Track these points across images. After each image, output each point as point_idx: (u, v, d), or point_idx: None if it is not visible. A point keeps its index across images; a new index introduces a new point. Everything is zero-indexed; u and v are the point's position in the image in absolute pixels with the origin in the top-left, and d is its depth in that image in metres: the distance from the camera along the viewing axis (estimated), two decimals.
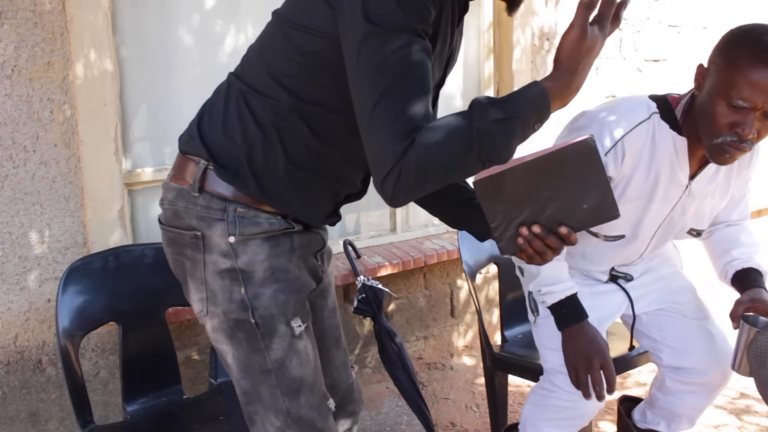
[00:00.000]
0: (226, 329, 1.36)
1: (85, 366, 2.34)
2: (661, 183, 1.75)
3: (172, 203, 1.38)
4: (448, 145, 1.14)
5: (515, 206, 1.27)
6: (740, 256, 1.88)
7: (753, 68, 1.48)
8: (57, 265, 2.26)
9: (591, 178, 1.25)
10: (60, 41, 2.17)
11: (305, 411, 1.39)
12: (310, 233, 1.45)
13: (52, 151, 2.21)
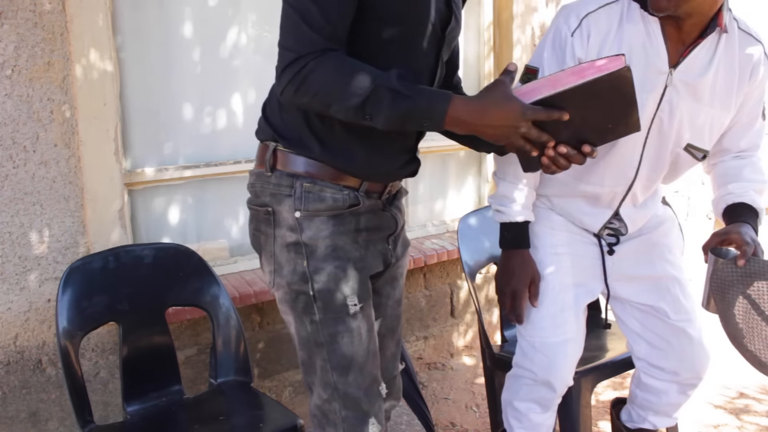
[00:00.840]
0: (289, 300, 1.45)
1: (85, 366, 2.34)
2: (634, 66, 1.56)
3: (252, 185, 1.49)
4: (347, 83, 1.24)
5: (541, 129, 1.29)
6: (735, 190, 1.77)
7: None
8: (57, 265, 2.26)
9: (621, 102, 1.28)
10: (60, 41, 2.17)
11: (352, 389, 1.44)
12: (382, 213, 1.51)
13: (52, 151, 2.21)
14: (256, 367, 2.77)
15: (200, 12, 2.58)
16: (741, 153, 1.85)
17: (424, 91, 1.28)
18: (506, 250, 1.84)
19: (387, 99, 1.25)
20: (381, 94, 1.24)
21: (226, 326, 2.15)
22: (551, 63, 1.66)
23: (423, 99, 1.26)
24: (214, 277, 2.17)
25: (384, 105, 1.25)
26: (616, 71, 1.23)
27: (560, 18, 1.67)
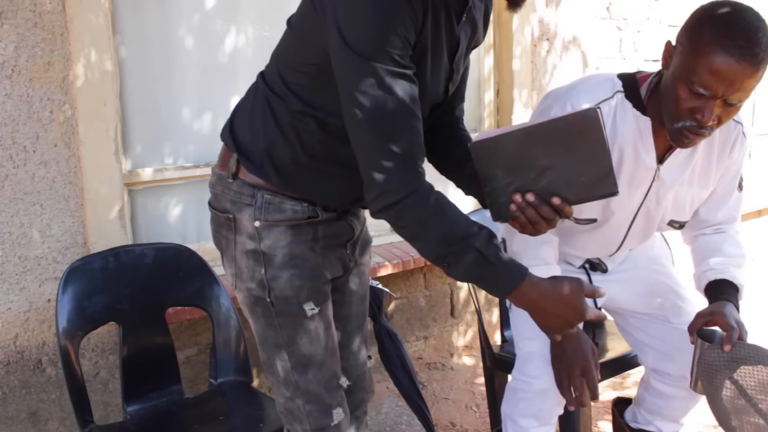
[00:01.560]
0: (248, 303, 1.50)
1: (85, 366, 2.34)
2: (625, 164, 1.67)
3: (213, 187, 1.51)
4: (440, 228, 1.27)
5: (510, 172, 1.27)
6: (716, 266, 1.79)
7: (715, 55, 1.40)
8: (57, 265, 2.26)
9: (591, 150, 1.23)
10: (60, 41, 2.17)
11: (312, 386, 1.50)
12: (339, 222, 1.53)
13: (52, 151, 2.21)
14: (257, 367, 2.77)
15: (200, 12, 2.58)
16: (719, 225, 1.87)
17: (506, 260, 1.29)
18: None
19: (472, 258, 1.27)
20: (468, 252, 1.27)
21: (226, 326, 2.15)
22: None
23: (503, 270, 1.29)
24: (214, 277, 2.16)
25: (467, 262, 1.27)
26: (583, 111, 1.22)
27: (556, 109, 1.65)
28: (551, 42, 3.53)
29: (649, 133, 1.64)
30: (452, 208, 1.31)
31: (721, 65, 1.40)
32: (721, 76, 1.41)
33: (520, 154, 1.26)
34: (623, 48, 3.93)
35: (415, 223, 1.28)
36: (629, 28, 3.94)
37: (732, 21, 1.42)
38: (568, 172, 1.26)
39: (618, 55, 3.91)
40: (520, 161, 1.26)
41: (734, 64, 1.39)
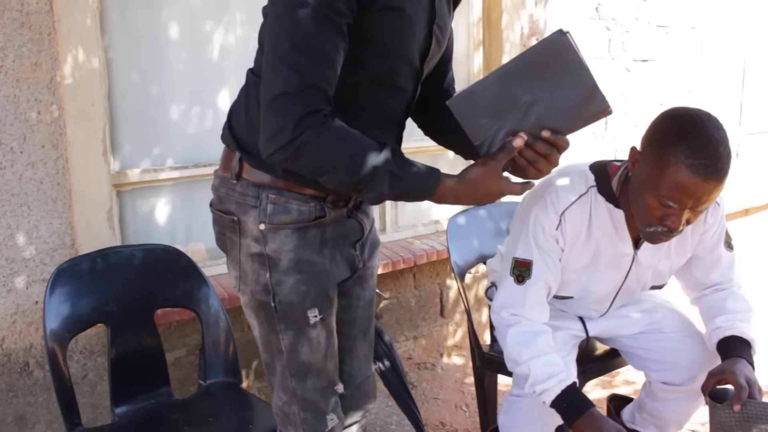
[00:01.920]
0: (252, 307, 1.47)
1: (73, 368, 2.33)
2: (603, 253, 1.78)
3: (216, 189, 1.47)
4: (345, 159, 1.23)
5: (496, 118, 1.27)
6: (723, 324, 1.83)
7: (683, 175, 1.47)
8: (44, 267, 2.25)
9: (569, 72, 1.23)
10: (47, 41, 2.16)
11: (310, 393, 1.49)
12: (349, 221, 1.50)
13: (39, 152, 2.19)
14: (246, 368, 2.76)
15: (189, 12, 2.57)
16: (717, 285, 1.93)
17: (417, 173, 1.29)
18: (576, 422, 1.63)
19: (385, 182, 1.25)
20: (380, 177, 1.25)
21: (215, 327, 2.15)
22: (543, 255, 1.75)
23: (416, 182, 1.29)
24: (203, 277, 2.16)
25: (379, 186, 1.26)
26: (550, 36, 1.22)
27: (538, 208, 1.74)
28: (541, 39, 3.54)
29: (623, 224, 1.74)
30: (352, 135, 1.25)
31: (689, 184, 1.47)
32: (689, 193, 1.48)
33: (501, 97, 1.26)
34: (612, 48, 3.94)
35: (317, 158, 1.22)
36: (618, 28, 3.95)
37: (696, 139, 1.47)
38: (553, 101, 1.25)
39: (607, 55, 3.92)
40: (503, 104, 1.26)
41: (701, 182, 1.46)
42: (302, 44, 1.19)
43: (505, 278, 1.82)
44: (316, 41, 1.19)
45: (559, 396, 1.65)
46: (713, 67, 4.68)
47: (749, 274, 4.66)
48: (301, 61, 1.19)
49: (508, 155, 1.30)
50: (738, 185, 5.26)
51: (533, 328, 1.75)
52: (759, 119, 5.42)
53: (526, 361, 1.70)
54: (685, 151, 1.47)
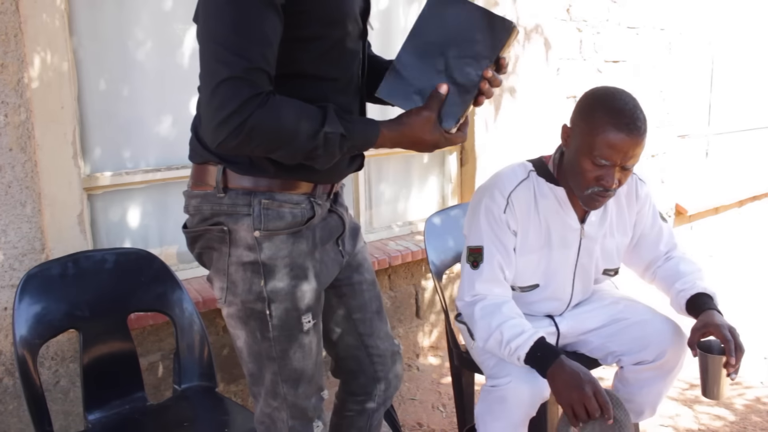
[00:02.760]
0: (242, 317, 1.45)
1: (44, 375, 2.29)
2: (553, 231, 1.97)
3: (197, 208, 1.44)
4: (296, 132, 1.26)
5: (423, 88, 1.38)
6: (684, 286, 2.00)
7: (609, 132, 1.73)
8: (14, 272, 2.21)
9: (462, 17, 1.37)
10: (14, 42, 2.12)
11: (300, 400, 1.50)
12: (331, 218, 1.55)
13: (7, 155, 2.16)
14: (221, 371, 2.74)
15: (159, 13, 2.55)
16: (666, 255, 2.15)
17: (358, 127, 1.35)
18: (549, 369, 1.74)
19: (335, 144, 1.31)
20: (331, 141, 1.30)
21: (189, 331, 2.13)
22: (492, 238, 1.92)
23: (360, 137, 1.35)
24: (176, 281, 2.14)
25: (332, 148, 1.31)
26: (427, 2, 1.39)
27: (486, 198, 1.94)
28: None
29: (566, 200, 1.95)
30: (296, 107, 1.28)
31: (615, 140, 1.73)
32: (617, 148, 1.73)
33: (420, 67, 1.38)
34: (583, 49, 3.98)
35: (270, 136, 1.25)
36: (589, 30, 3.99)
37: (617, 104, 1.76)
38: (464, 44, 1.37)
39: (578, 56, 3.96)
40: (424, 72, 1.38)
41: (625, 137, 1.73)
42: (243, 28, 1.20)
43: (463, 268, 1.98)
44: (256, 24, 1.21)
45: (532, 348, 1.77)
46: (682, 67, 4.75)
47: (719, 272, 4.73)
48: (243, 45, 1.20)
49: (439, 101, 1.37)
50: (707, 185, 5.34)
51: (496, 300, 1.89)
52: (727, 119, 5.51)
53: (496, 327, 1.83)
54: (608, 115, 1.74)
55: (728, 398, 2.99)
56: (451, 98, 1.38)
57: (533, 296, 2.05)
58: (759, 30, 5.66)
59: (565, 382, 1.70)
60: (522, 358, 1.78)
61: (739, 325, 1.93)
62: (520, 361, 1.79)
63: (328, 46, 1.36)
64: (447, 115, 1.39)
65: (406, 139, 1.38)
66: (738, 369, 1.78)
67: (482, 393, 1.94)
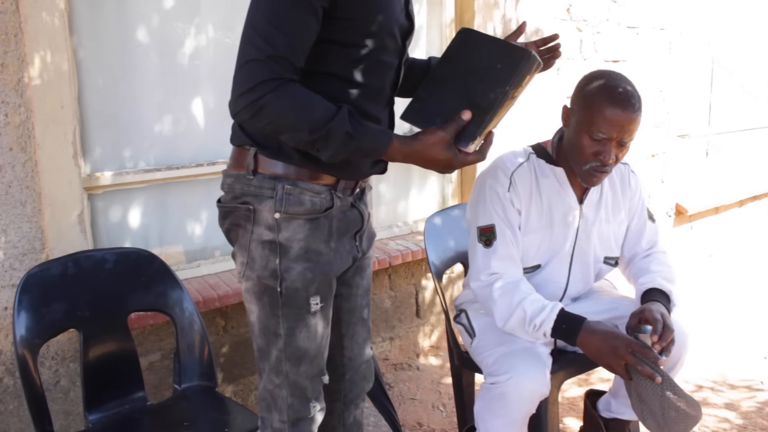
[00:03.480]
0: (256, 291, 1.55)
1: (44, 375, 2.29)
2: (555, 210, 2.03)
3: (230, 187, 1.56)
4: (304, 119, 1.35)
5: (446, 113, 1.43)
6: (645, 281, 2.06)
7: (607, 108, 1.83)
8: (14, 272, 2.21)
9: (485, 48, 1.46)
10: (14, 42, 2.12)
11: (301, 379, 1.58)
12: (351, 212, 1.61)
13: (7, 155, 2.16)
14: (221, 371, 2.74)
15: (160, 13, 2.55)
16: (646, 252, 2.20)
17: (368, 132, 1.40)
18: (578, 338, 1.82)
19: (338, 139, 1.37)
20: (333, 134, 1.36)
21: (189, 331, 2.13)
22: (501, 215, 1.98)
23: (367, 141, 1.40)
24: (176, 281, 2.14)
25: (333, 143, 1.37)
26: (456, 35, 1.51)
27: (489, 179, 2.01)
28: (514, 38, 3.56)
29: (566, 180, 2.03)
30: (311, 98, 1.37)
31: (612, 115, 1.83)
32: (614, 123, 1.84)
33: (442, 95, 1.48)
34: (583, 49, 3.98)
35: (277, 118, 1.35)
36: (589, 29, 3.99)
37: (612, 83, 1.88)
38: (485, 71, 1.44)
39: (579, 55, 3.96)
40: (446, 98, 1.47)
41: (621, 112, 1.83)
42: (277, 21, 1.33)
43: (474, 248, 2.00)
44: (290, 19, 1.33)
45: (556, 321, 1.84)
46: (682, 67, 4.75)
47: (719, 272, 4.74)
48: (273, 34, 1.33)
49: (457, 125, 1.42)
50: (707, 184, 5.34)
51: (512, 278, 1.94)
52: (727, 119, 5.51)
53: (517, 304, 1.88)
54: (605, 92, 1.85)
55: (734, 401, 2.99)
56: (470, 120, 1.43)
57: (531, 279, 2.06)
58: (759, 30, 5.65)
59: (598, 349, 1.78)
60: (548, 333, 1.85)
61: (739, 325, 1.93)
62: (547, 336, 1.86)
63: (361, 55, 1.46)
64: (464, 135, 1.43)
65: (417, 155, 1.44)
66: (668, 350, 1.81)
67: (481, 390, 1.94)
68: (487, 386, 1.91)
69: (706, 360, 3.32)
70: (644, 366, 1.72)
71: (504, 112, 1.47)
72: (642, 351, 1.73)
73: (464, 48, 1.51)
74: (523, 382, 1.83)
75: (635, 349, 1.73)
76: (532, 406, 1.87)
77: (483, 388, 1.94)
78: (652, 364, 1.72)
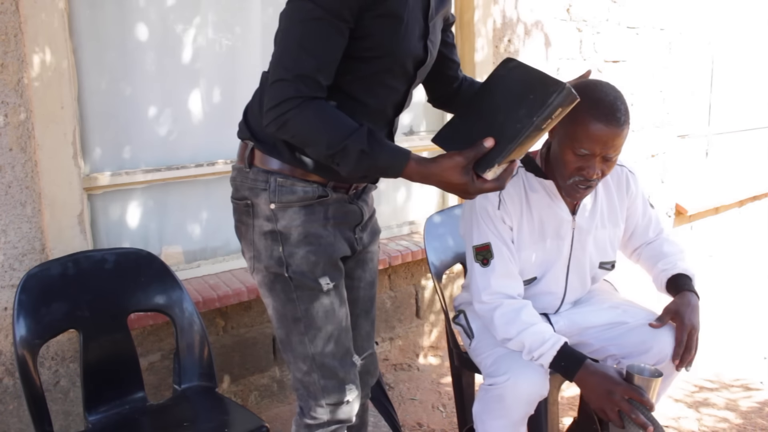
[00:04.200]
0: (267, 282, 1.61)
1: (44, 375, 2.29)
2: (547, 224, 2.00)
3: (234, 180, 1.64)
4: (323, 134, 1.40)
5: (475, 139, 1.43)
6: (666, 266, 2.07)
7: (590, 124, 1.76)
8: (14, 272, 2.21)
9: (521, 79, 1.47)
10: (14, 42, 2.12)
11: (328, 360, 1.62)
12: (349, 205, 1.65)
13: (7, 155, 2.16)
14: (221, 371, 2.74)
15: (159, 13, 2.55)
16: (654, 237, 2.21)
17: (385, 151, 1.42)
18: (576, 376, 1.80)
19: (354, 156, 1.40)
20: (350, 152, 1.40)
21: (189, 331, 2.13)
22: (495, 233, 1.95)
23: (385, 161, 1.43)
24: (176, 281, 2.14)
25: (350, 160, 1.41)
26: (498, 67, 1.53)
27: (481, 200, 1.96)
28: (514, 31, 3.55)
29: (556, 192, 1.98)
30: (334, 114, 1.42)
31: (595, 131, 1.76)
32: (597, 139, 1.76)
33: (474, 122, 1.50)
34: (583, 49, 3.98)
35: (299, 132, 1.41)
36: (589, 30, 3.99)
37: (597, 96, 1.78)
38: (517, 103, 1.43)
39: (578, 55, 3.96)
40: (476, 127, 1.47)
41: (604, 128, 1.75)
42: (306, 43, 1.39)
43: (472, 268, 1.98)
44: (318, 42, 1.40)
45: (555, 357, 1.81)
46: (682, 67, 4.75)
47: (719, 272, 4.74)
48: (301, 55, 1.39)
49: (477, 152, 1.42)
50: (707, 184, 5.34)
51: (514, 305, 1.90)
52: (727, 119, 5.51)
53: (516, 335, 1.85)
54: (588, 106, 1.75)
55: (733, 401, 2.99)
56: (493, 148, 1.42)
57: (528, 291, 2.05)
58: (759, 30, 5.65)
59: (594, 391, 1.75)
60: (546, 366, 1.82)
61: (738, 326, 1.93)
62: (545, 368, 1.84)
63: (367, 74, 1.51)
64: (483, 161, 1.43)
65: (433, 177, 1.44)
66: (689, 363, 1.87)
67: (480, 392, 1.94)
68: (486, 387, 1.91)
69: (706, 360, 3.32)
70: (638, 415, 1.68)
71: (530, 143, 1.45)
72: (638, 398, 1.70)
73: (504, 77, 1.52)
74: (521, 384, 1.83)
75: (631, 396, 1.71)
76: (530, 407, 1.86)
77: (481, 390, 1.94)
78: (646, 412, 1.69)
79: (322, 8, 1.37)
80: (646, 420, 1.67)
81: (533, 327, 1.85)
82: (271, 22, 2.81)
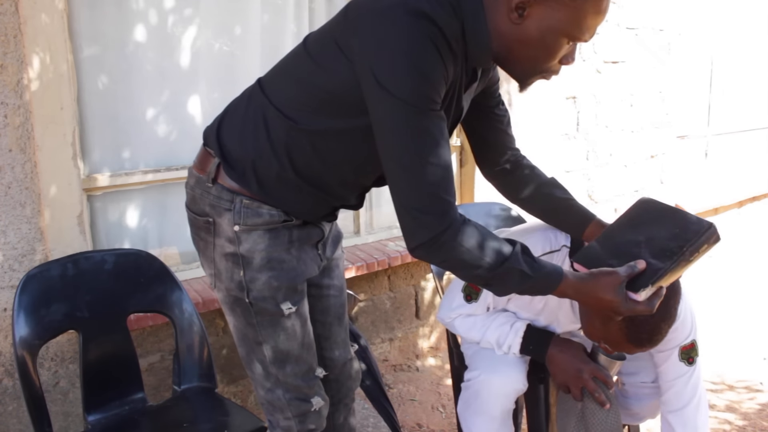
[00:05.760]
0: (228, 303, 1.55)
1: (44, 376, 2.29)
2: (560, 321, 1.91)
3: (192, 189, 1.54)
4: (479, 258, 1.33)
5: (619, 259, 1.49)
6: None
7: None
8: (13, 273, 2.21)
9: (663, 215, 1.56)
10: (13, 43, 2.12)
11: (291, 379, 1.58)
12: (310, 226, 1.58)
13: (6, 156, 2.16)
14: (221, 372, 2.74)
15: (159, 14, 2.55)
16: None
17: (543, 270, 1.39)
18: (548, 357, 1.83)
19: (515, 278, 1.36)
20: (511, 273, 1.36)
21: (189, 332, 2.13)
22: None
23: (542, 279, 1.39)
24: (176, 282, 2.14)
25: (509, 282, 1.37)
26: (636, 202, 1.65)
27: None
28: None
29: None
30: (486, 235, 1.35)
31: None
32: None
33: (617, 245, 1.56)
34: (583, 50, 3.98)
35: (452, 256, 1.33)
36: None
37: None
38: (662, 234, 1.51)
39: (578, 56, 3.96)
40: (622, 245, 1.55)
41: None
42: (423, 149, 1.27)
43: (455, 290, 1.95)
44: (434, 141, 1.28)
45: (522, 343, 1.83)
46: (681, 68, 4.75)
47: (718, 272, 4.73)
48: (428, 170, 1.27)
49: (631, 272, 1.42)
50: (706, 185, 5.34)
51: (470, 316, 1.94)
52: (727, 120, 5.51)
53: (482, 336, 1.89)
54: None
55: (735, 402, 2.99)
56: (644, 271, 1.45)
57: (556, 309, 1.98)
58: (758, 30, 5.66)
59: (564, 369, 1.79)
60: (517, 354, 1.85)
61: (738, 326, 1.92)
62: (518, 355, 1.86)
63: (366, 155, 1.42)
64: (637, 282, 1.44)
65: (587, 292, 1.42)
66: None
67: (461, 393, 1.96)
68: (465, 384, 1.93)
69: (706, 361, 3.32)
70: (601, 393, 1.75)
71: (678, 273, 1.48)
72: (603, 378, 1.76)
73: (644, 212, 1.60)
74: (492, 379, 1.84)
75: (597, 375, 1.75)
76: (507, 401, 1.86)
77: (462, 387, 1.95)
78: (606, 390, 1.76)
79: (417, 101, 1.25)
80: (605, 399, 1.76)
81: (494, 322, 1.87)
82: (271, 23, 2.81)
